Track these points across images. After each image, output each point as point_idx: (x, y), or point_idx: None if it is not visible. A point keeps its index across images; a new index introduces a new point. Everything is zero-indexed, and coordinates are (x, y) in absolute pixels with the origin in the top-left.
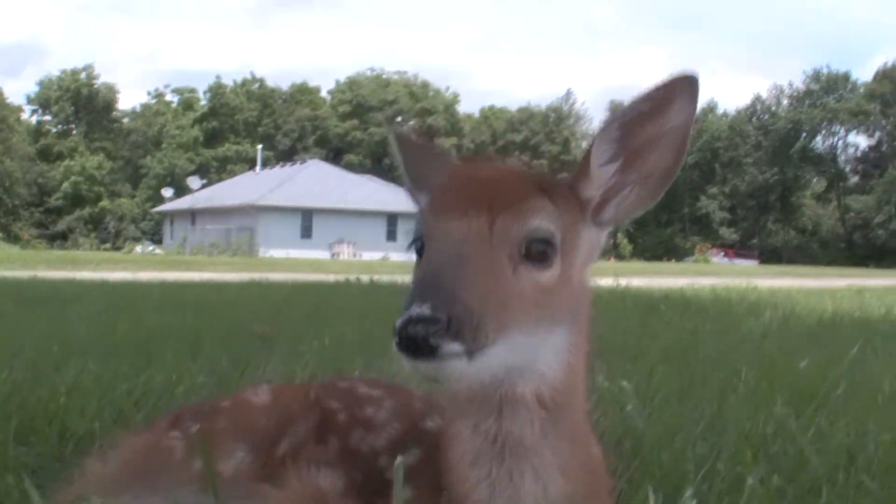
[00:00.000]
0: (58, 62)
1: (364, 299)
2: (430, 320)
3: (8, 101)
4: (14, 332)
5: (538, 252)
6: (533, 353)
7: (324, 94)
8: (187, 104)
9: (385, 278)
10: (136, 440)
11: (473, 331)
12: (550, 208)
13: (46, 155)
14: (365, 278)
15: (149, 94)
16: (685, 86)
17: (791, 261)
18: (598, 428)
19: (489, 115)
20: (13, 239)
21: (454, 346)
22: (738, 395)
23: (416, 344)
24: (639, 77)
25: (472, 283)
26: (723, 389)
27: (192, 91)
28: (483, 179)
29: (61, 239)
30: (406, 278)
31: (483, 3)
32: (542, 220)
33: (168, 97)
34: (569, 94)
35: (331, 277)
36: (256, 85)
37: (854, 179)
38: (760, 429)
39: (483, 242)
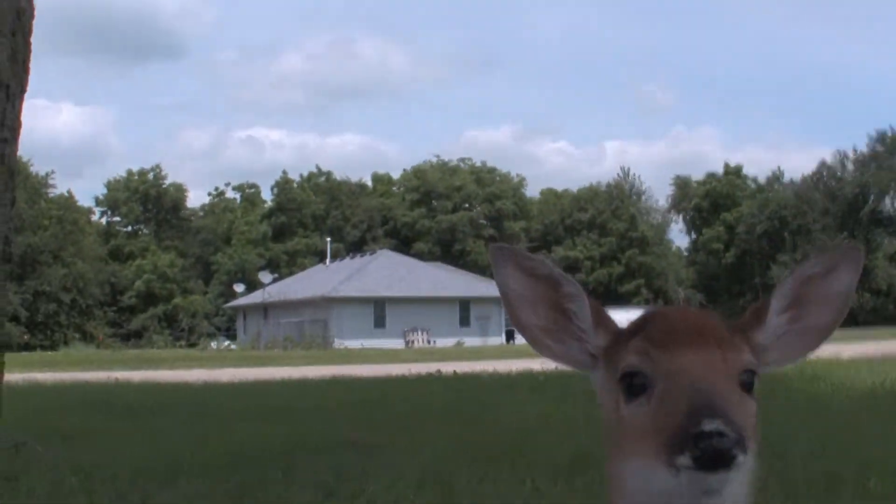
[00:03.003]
0: (119, 161)
1: (450, 395)
2: (725, 434)
3: (78, 203)
4: (110, 449)
5: (748, 383)
6: (745, 473)
7: (389, 184)
8: (250, 201)
9: (464, 368)
10: None
11: (746, 443)
12: (748, 345)
13: (117, 255)
14: (447, 370)
15: (210, 194)
16: (852, 255)
17: (867, 323)
18: None
19: (552, 196)
20: (88, 339)
21: (742, 458)
22: (848, 489)
23: (720, 456)
24: (700, 152)
25: (732, 404)
26: (829, 486)
27: (253, 187)
28: (698, 319)
29: (135, 337)
30: (483, 366)
31: (536, 88)
32: (749, 354)
33: (229, 194)
34: (626, 171)
35: (412, 370)
36: (322, 178)
37: None
38: None
39: (723, 371)
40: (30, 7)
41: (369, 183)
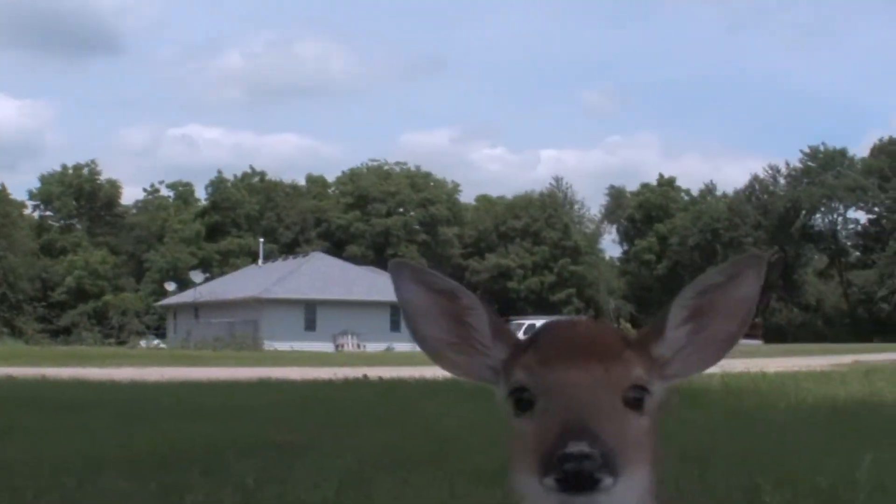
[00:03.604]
0: (54, 156)
1: (376, 399)
2: (590, 456)
3: (11, 196)
4: (33, 445)
5: (636, 399)
6: (629, 492)
7: (324, 186)
8: (183, 198)
9: (392, 373)
10: None
11: (616, 466)
12: (640, 360)
13: (49, 250)
14: (373, 375)
15: (145, 190)
16: (754, 263)
17: (796, 338)
18: None
19: (486, 203)
20: (17, 334)
21: (609, 480)
22: (764, 502)
23: (581, 479)
24: (635, 161)
25: (607, 424)
26: (747, 497)
27: (187, 185)
28: (583, 334)
29: (65, 334)
30: (412, 371)
31: (475, 93)
32: (639, 370)
33: (163, 192)
34: (559, 180)
35: (339, 374)
36: (256, 178)
37: (856, 254)
38: None
39: (603, 388)
40: None
41: (305, 183)
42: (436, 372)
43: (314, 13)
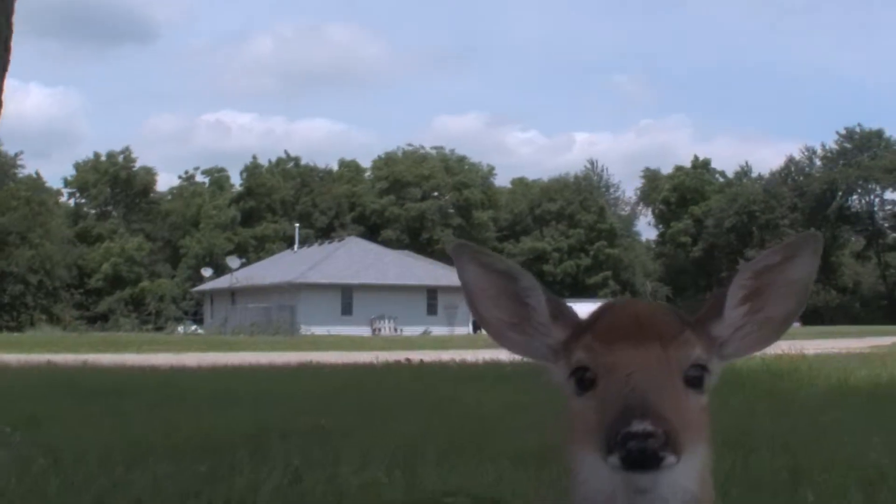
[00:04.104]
0: (87, 144)
1: (416, 383)
2: (653, 435)
3: (46, 184)
4: (77, 431)
5: (696, 377)
6: (690, 470)
7: (358, 171)
8: (218, 185)
9: (431, 357)
10: None
11: (678, 444)
12: (699, 339)
13: (85, 237)
14: (414, 359)
15: (180, 177)
16: (810, 242)
17: (833, 321)
18: None
19: (521, 186)
20: (55, 321)
21: (672, 458)
22: (811, 482)
23: (645, 457)
24: (667, 144)
25: (669, 403)
26: (793, 479)
27: (222, 171)
28: (644, 314)
29: (102, 320)
30: (450, 355)
31: (504, 78)
32: (699, 349)
33: (198, 178)
34: (594, 163)
35: (378, 357)
36: (291, 164)
37: (893, 236)
38: None
39: (665, 368)
40: None
41: (336, 169)
42: (475, 355)
43: None
